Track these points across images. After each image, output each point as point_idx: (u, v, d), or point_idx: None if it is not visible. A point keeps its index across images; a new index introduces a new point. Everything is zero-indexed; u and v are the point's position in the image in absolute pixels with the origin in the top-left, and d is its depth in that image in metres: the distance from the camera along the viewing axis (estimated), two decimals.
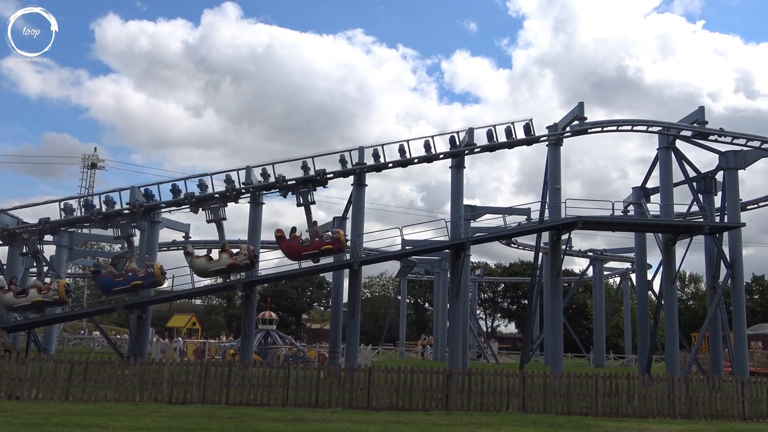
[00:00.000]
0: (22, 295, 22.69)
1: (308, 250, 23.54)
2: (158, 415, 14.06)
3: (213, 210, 24.02)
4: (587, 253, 52.54)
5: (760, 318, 60.76)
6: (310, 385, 16.89)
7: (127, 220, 23.87)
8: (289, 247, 23.72)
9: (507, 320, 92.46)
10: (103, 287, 23.70)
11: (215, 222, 24.14)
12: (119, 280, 23.05)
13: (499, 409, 16.90)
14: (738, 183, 27.35)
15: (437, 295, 50.50)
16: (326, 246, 23.45)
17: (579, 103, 26.06)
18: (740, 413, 17.66)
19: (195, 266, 23.60)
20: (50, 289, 22.77)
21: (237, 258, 23.15)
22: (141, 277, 23.06)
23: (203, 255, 23.83)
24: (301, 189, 24.24)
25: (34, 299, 22.61)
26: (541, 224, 26.58)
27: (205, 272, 23.65)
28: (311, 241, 23.49)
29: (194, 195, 23.78)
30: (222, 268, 23.21)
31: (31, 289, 22.83)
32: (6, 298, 22.72)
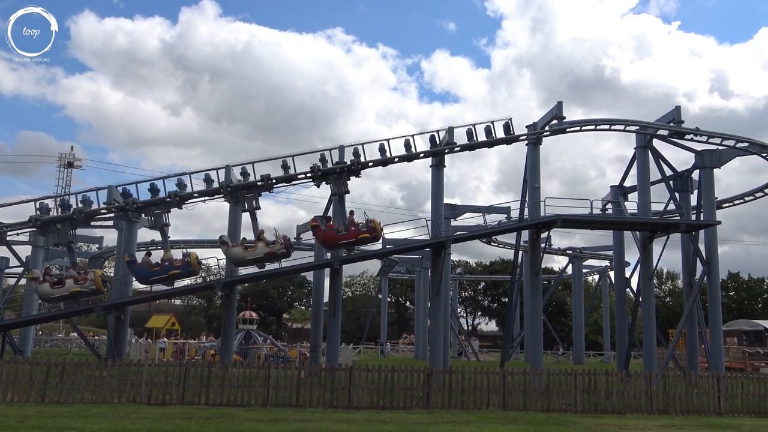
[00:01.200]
0: (58, 286, 22.60)
1: (345, 239, 23.57)
2: (136, 416, 13.92)
3: (248, 200, 23.83)
4: (566, 251, 52.98)
5: (736, 314, 61.67)
6: (291, 384, 16.85)
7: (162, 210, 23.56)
8: (326, 237, 23.73)
9: (488, 318, 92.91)
10: (138, 277, 23.50)
11: (249, 212, 23.90)
12: (156, 269, 22.91)
13: (480, 406, 16.99)
14: (713, 181, 27.77)
15: (418, 293, 50.61)
16: (363, 235, 23.56)
17: (558, 102, 26.24)
18: (716, 408, 17.95)
19: (231, 255, 23.48)
20: (87, 279, 22.70)
21: (274, 247, 23.14)
22: (178, 267, 22.96)
23: (239, 244, 23.66)
24: (337, 179, 24.23)
25: (72, 290, 22.52)
26: (521, 223, 26.76)
27: (242, 261, 23.58)
28: (347, 230, 23.54)
29: (232, 184, 23.63)
30: (259, 256, 23.17)
31: (67, 280, 22.71)
32: (42, 289, 22.57)
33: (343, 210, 24.31)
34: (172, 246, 26.08)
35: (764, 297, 70.46)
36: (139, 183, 24.33)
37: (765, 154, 28.05)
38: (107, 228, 30.82)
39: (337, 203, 24.57)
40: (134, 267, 23.34)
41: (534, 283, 26.68)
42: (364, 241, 24.13)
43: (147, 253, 24.01)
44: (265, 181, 24.01)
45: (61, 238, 23.46)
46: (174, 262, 22.98)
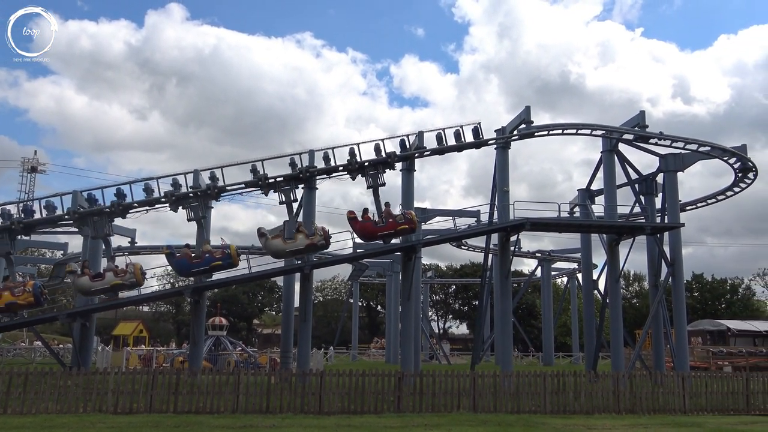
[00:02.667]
0: (98, 279, 22.18)
1: (384, 230, 23.59)
2: (102, 426, 13.67)
3: (284, 192, 23.79)
4: (535, 254, 53.62)
5: (700, 315, 62.94)
6: (261, 391, 16.72)
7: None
8: (364, 228, 23.66)
9: (459, 321, 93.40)
10: (179, 269, 23.15)
11: (287, 204, 23.89)
12: (197, 261, 22.56)
13: (451, 409, 17.06)
14: (677, 185, 28.36)
15: (389, 297, 50.66)
16: (402, 226, 23.60)
17: (526, 107, 26.51)
18: (681, 407, 18.31)
19: (271, 247, 23.23)
20: (127, 272, 22.29)
21: (314, 238, 22.97)
22: (219, 258, 22.64)
23: (278, 236, 23.35)
24: (372, 172, 24.35)
25: (113, 282, 22.14)
26: (491, 226, 26.98)
27: (283, 253, 23.34)
28: (385, 221, 23.57)
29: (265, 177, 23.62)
30: (300, 248, 22.99)
31: (107, 273, 22.28)
32: (82, 282, 22.14)
33: (378, 202, 24.36)
34: (138, 252, 25.72)
35: (727, 297, 72.10)
36: (105, 188, 23.89)
37: (726, 157, 28.76)
38: (72, 234, 30.25)
39: (374, 196, 24.60)
40: (174, 259, 22.91)
41: (504, 286, 26.90)
42: (403, 233, 24.14)
43: (186, 245, 23.64)
44: (304, 173, 24.05)
45: (98, 231, 23.13)
46: (214, 253, 22.75)
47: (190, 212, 23.58)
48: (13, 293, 21.82)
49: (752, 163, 29.10)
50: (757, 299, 76.07)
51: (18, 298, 21.77)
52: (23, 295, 21.82)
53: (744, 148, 28.61)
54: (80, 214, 22.94)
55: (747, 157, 28.51)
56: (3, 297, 21.76)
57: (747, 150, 28.64)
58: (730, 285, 73.39)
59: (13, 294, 21.81)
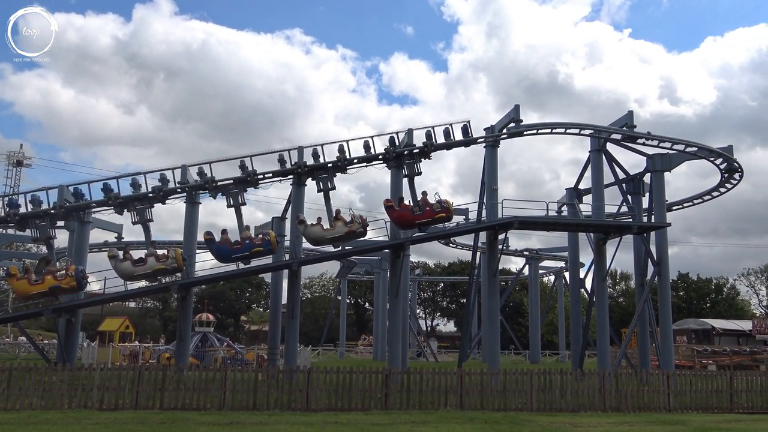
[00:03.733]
0: (140, 264, 22.13)
1: (421, 218, 23.83)
2: (87, 422, 13.56)
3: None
4: (523, 252, 53.84)
5: (685, 314, 63.51)
6: (248, 387, 16.65)
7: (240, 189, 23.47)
8: (401, 217, 23.83)
9: (446, 319, 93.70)
10: (218, 255, 23.02)
11: (324, 192, 23.92)
12: (237, 247, 22.57)
13: (438, 407, 17.08)
14: (664, 185, 28.54)
15: (377, 294, 50.72)
16: (440, 214, 23.89)
17: (515, 105, 26.58)
18: (666, 405, 18.45)
19: (310, 235, 23.31)
20: (168, 257, 22.23)
21: (352, 226, 23.09)
22: (259, 244, 22.65)
23: (316, 223, 23.43)
24: (408, 161, 24.46)
25: (155, 267, 22.08)
26: (479, 224, 27.04)
27: (322, 240, 23.45)
28: (422, 210, 23.73)
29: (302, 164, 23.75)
30: (339, 235, 23.09)
31: (149, 258, 22.21)
32: (124, 267, 22.09)
33: (413, 191, 24.56)
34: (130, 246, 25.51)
35: (712, 297, 72.77)
36: (91, 183, 23.70)
37: (712, 158, 28.98)
38: (58, 228, 29.97)
39: (410, 185, 24.83)
40: (214, 245, 22.85)
41: (491, 284, 26.96)
42: (440, 221, 24.43)
43: (223, 231, 23.51)
44: (342, 162, 24.22)
45: (140, 217, 23.17)
46: (254, 240, 22.77)
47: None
48: (56, 277, 21.89)
49: (738, 164, 29.35)
50: (742, 299, 76.91)
51: (61, 282, 21.85)
52: (66, 279, 21.92)
53: (730, 149, 28.84)
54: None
55: (733, 158, 28.75)
56: (46, 281, 21.83)
57: (733, 151, 28.89)
58: (715, 284, 74.12)
59: (56, 278, 21.88)
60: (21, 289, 21.98)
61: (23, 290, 21.95)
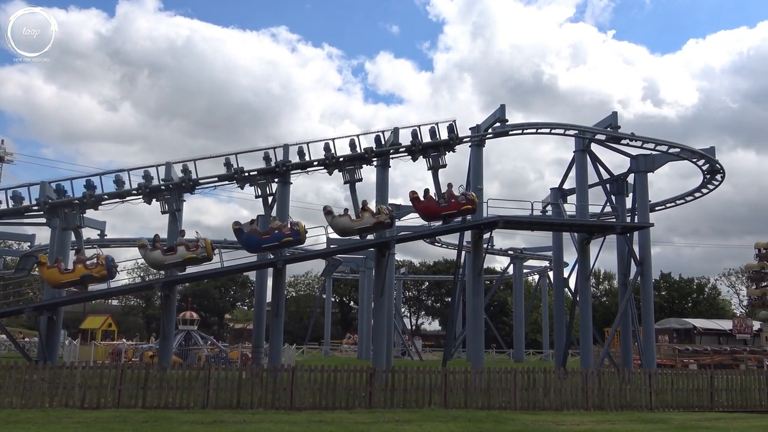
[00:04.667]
0: (170, 253, 22.02)
1: (447, 210, 23.98)
2: (69, 421, 13.43)
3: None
4: (508, 251, 54.05)
5: (667, 313, 64.21)
6: (232, 386, 16.58)
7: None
8: (427, 208, 23.98)
9: (431, 318, 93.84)
10: (247, 245, 22.98)
11: (350, 184, 24.15)
12: (266, 237, 22.50)
13: (422, 405, 17.12)
14: (647, 185, 28.81)
15: (362, 293, 50.66)
16: (465, 206, 24.03)
17: (501, 105, 26.66)
18: (648, 403, 18.65)
19: (338, 225, 23.26)
20: (198, 246, 22.12)
21: (380, 217, 23.09)
22: (289, 234, 22.59)
23: (344, 214, 23.40)
24: (433, 153, 24.77)
25: (185, 257, 21.98)
26: (464, 223, 27.03)
27: (350, 230, 23.41)
28: (447, 202, 23.88)
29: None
30: (367, 226, 23.13)
31: (179, 247, 22.08)
32: (154, 256, 21.99)
33: (438, 183, 24.77)
34: (108, 245, 25.34)
35: (694, 297, 73.63)
36: (74, 179, 23.46)
37: (695, 159, 29.29)
38: (39, 225, 29.71)
39: (434, 177, 25.05)
40: (243, 235, 22.74)
41: (476, 283, 27.05)
42: (465, 212, 24.53)
43: (251, 221, 23.45)
44: (369, 154, 24.34)
45: (169, 206, 23.26)
46: (284, 230, 22.69)
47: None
48: (87, 266, 21.81)
49: (720, 165, 29.68)
50: (723, 299, 77.93)
51: (92, 270, 21.78)
52: (97, 268, 21.86)
53: (712, 151, 29.16)
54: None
55: (715, 159, 29.07)
56: (77, 270, 21.76)
57: (715, 152, 29.21)
58: (696, 284, 74.98)
59: (87, 267, 21.81)
60: (53, 278, 21.90)
61: (55, 279, 21.89)
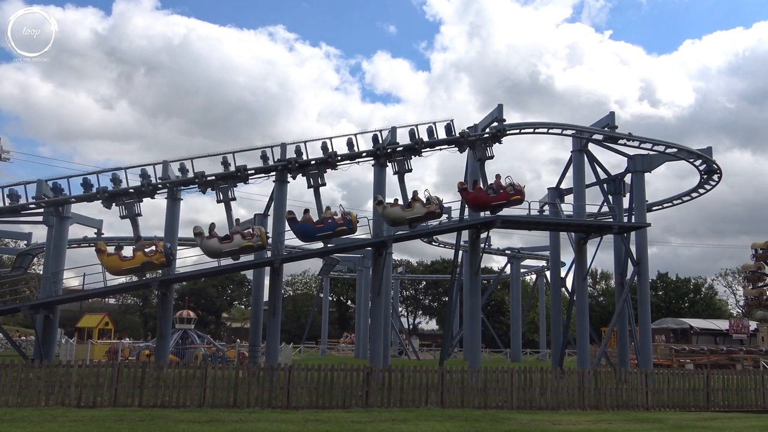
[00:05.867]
0: (226, 241, 22.17)
1: (496, 200, 24.47)
2: (65, 419, 13.39)
3: (398, 162, 24.33)
4: (505, 251, 54.08)
5: (664, 313, 64.34)
6: (229, 385, 16.56)
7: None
8: (477, 198, 24.44)
9: (428, 317, 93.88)
10: (301, 234, 23.17)
11: (399, 174, 24.57)
12: (320, 226, 22.81)
13: (418, 404, 17.12)
14: (644, 185, 28.82)
15: (359, 292, 50.66)
16: (515, 197, 24.50)
17: (498, 105, 26.65)
18: (644, 403, 18.66)
19: (390, 216, 23.69)
20: (253, 235, 22.35)
21: (431, 207, 23.52)
22: (342, 223, 22.85)
23: (395, 204, 23.80)
24: (480, 145, 25.18)
25: (242, 245, 22.16)
26: (461, 223, 27.10)
27: (402, 220, 23.90)
28: (496, 192, 24.32)
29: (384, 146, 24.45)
30: (419, 216, 23.62)
31: (235, 235, 22.25)
32: (210, 245, 22.13)
33: (484, 174, 25.24)
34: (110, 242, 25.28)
35: (690, 297, 73.71)
36: (71, 177, 23.45)
37: (692, 159, 29.32)
38: (36, 224, 29.63)
39: (480, 168, 25.61)
40: (296, 225, 22.96)
41: (473, 283, 27.06)
42: (514, 203, 24.94)
43: (305, 210, 23.73)
44: (417, 145, 24.64)
45: (223, 195, 23.39)
46: (336, 219, 22.94)
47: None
48: (146, 253, 21.95)
49: (717, 166, 29.71)
50: (719, 299, 78.01)
51: (152, 257, 21.93)
52: (156, 255, 22.03)
53: (709, 151, 29.18)
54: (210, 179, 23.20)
55: (712, 159, 29.10)
56: (137, 257, 21.89)
57: (712, 152, 29.24)
58: (693, 284, 75.06)
59: (146, 254, 21.95)
60: (113, 265, 21.99)
61: (115, 266, 22.00)
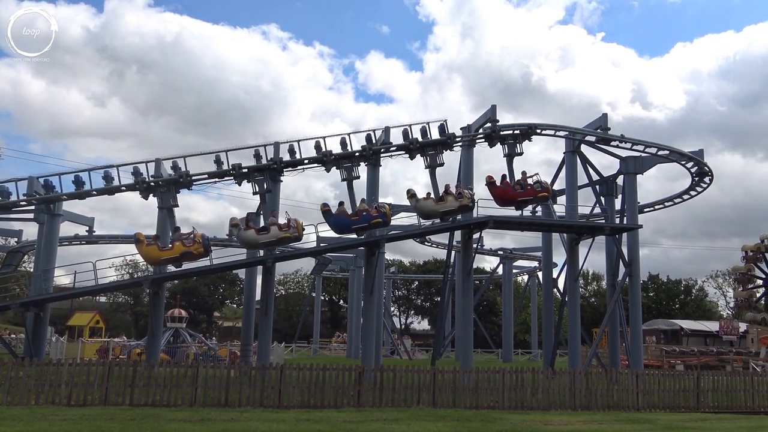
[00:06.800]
0: (263, 232, 22.27)
1: (523, 196, 24.74)
2: (55, 418, 13.33)
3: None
4: (497, 251, 54.21)
5: (655, 314, 64.56)
6: (220, 384, 16.53)
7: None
8: (504, 193, 24.52)
9: (420, 317, 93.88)
10: (337, 226, 23.27)
11: (430, 169, 25.18)
12: (355, 219, 22.93)
13: (410, 404, 17.14)
14: (636, 187, 28.93)
15: (352, 292, 50.65)
16: (542, 194, 24.91)
17: (492, 106, 26.70)
18: (635, 404, 18.75)
19: (423, 209, 23.91)
20: (290, 226, 22.45)
21: (463, 200, 23.59)
22: (377, 216, 22.97)
23: (427, 197, 23.97)
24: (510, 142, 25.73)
25: (279, 236, 22.29)
26: (454, 223, 27.08)
27: (435, 213, 24.09)
28: (523, 188, 24.50)
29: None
30: (452, 209, 23.70)
31: (271, 227, 22.34)
32: (248, 236, 22.20)
33: (512, 170, 25.56)
34: (96, 242, 25.20)
35: (681, 298, 74.07)
36: (62, 174, 23.34)
37: (684, 161, 29.45)
38: (27, 221, 29.48)
39: (510, 164, 25.83)
40: (331, 217, 23.02)
41: (466, 283, 27.09)
42: (540, 200, 25.43)
43: (340, 203, 23.76)
44: (450, 138, 25.09)
45: (260, 188, 23.93)
46: (371, 212, 23.09)
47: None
48: (185, 244, 21.98)
49: (708, 168, 29.85)
50: (710, 300, 78.50)
51: (191, 247, 21.98)
52: (195, 245, 22.08)
53: (701, 153, 29.32)
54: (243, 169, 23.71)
55: (704, 161, 29.24)
56: (176, 247, 21.97)
57: (704, 155, 29.39)
58: (684, 286, 75.43)
59: (185, 244, 21.98)
60: (152, 255, 22.09)
61: (154, 256, 22.09)
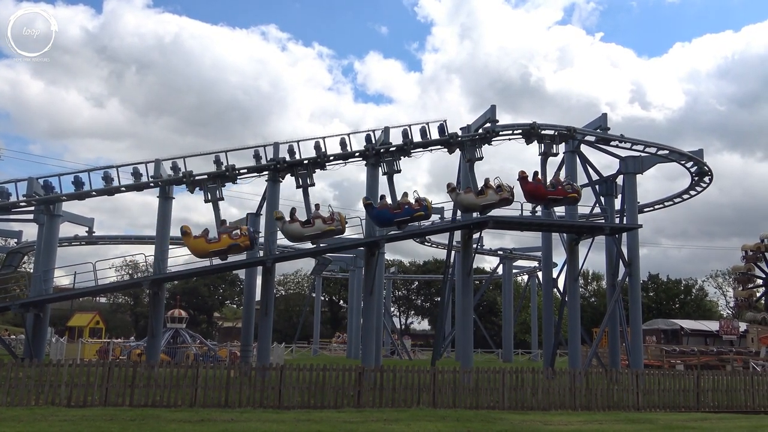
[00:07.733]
0: (308, 225, 22.55)
1: (554, 194, 25.11)
2: (55, 419, 13.33)
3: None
4: (497, 251, 54.20)
5: (655, 314, 64.53)
6: (220, 384, 16.53)
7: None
8: (535, 189, 24.91)
9: (420, 317, 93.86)
10: (379, 219, 23.60)
11: (472, 163, 25.40)
12: (397, 211, 23.27)
13: (410, 404, 17.13)
14: (636, 187, 28.93)
15: (352, 292, 50.64)
16: (572, 195, 25.25)
17: (491, 106, 26.71)
18: (635, 404, 18.75)
19: (462, 202, 24.43)
20: (334, 219, 22.71)
21: (502, 194, 24.07)
22: (419, 209, 23.38)
23: (468, 191, 24.39)
24: (547, 141, 25.96)
25: (324, 229, 22.54)
26: (454, 223, 27.13)
27: (476, 207, 24.59)
28: (555, 187, 24.89)
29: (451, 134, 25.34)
30: (492, 202, 24.19)
31: (316, 220, 22.58)
32: (292, 229, 22.47)
33: (544, 169, 25.91)
34: (96, 242, 25.14)
35: (681, 298, 74.03)
36: (62, 175, 23.35)
37: (683, 161, 29.47)
38: (27, 222, 29.48)
39: (542, 164, 26.09)
40: (374, 210, 23.31)
41: (466, 283, 27.09)
42: (570, 201, 25.66)
43: (382, 197, 24.09)
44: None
45: (303, 182, 24.06)
46: (413, 205, 23.41)
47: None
48: (232, 236, 22.23)
49: (708, 168, 29.88)
50: (710, 300, 78.48)
51: (238, 240, 22.26)
52: (241, 238, 22.36)
53: (700, 153, 29.34)
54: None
55: (703, 161, 29.26)
56: (223, 240, 22.19)
57: (703, 155, 29.41)
58: (684, 286, 75.40)
59: (232, 237, 22.22)
60: (199, 248, 22.27)
61: (202, 249, 22.27)
